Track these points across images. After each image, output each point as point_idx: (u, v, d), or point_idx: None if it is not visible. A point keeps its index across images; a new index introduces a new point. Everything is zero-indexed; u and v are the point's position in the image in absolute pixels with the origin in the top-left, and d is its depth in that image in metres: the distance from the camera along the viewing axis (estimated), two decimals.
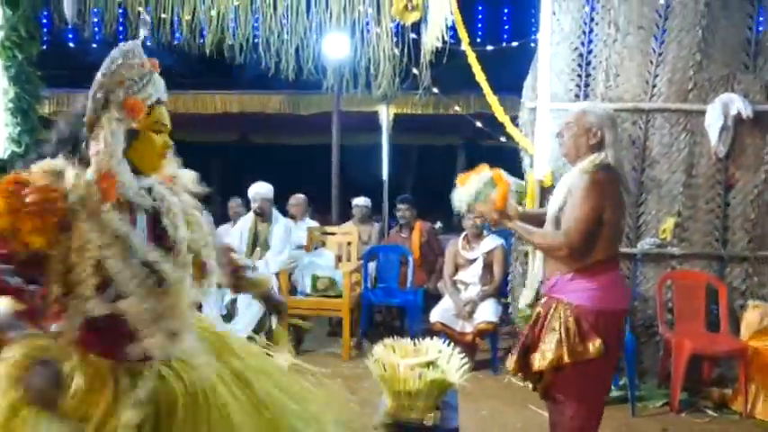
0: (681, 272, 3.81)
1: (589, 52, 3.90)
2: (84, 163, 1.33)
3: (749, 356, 3.39)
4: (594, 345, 2.04)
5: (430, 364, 2.31)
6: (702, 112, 3.71)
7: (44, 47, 4.74)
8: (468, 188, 2.29)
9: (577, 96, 3.93)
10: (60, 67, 7.41)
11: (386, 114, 7.19)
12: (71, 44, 6.54)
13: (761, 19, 3.79)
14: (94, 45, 6.46)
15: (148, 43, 5.24)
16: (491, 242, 4.42)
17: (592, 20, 3.88)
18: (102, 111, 1.35)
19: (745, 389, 3.39)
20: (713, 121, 3.65)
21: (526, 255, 4.04)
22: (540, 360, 2.12)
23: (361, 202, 5.71)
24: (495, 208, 2.21)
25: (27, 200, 1.23)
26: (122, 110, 1.36)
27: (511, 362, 2.31)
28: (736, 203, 3.80)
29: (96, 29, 5.13)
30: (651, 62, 3.80)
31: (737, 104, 3.59)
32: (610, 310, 2.11)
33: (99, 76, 1.38)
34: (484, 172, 2.29)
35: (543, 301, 2.26)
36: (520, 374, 2.36)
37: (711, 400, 3.55)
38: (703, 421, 3.39)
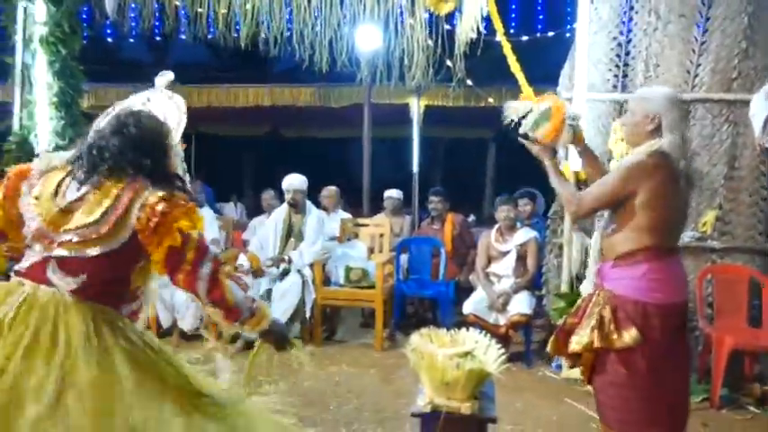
0: (722, 266, 3.73)
1: (628, 41, 3.83)
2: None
3: None
4: (630, 334, 1.99)
5: (467, 354, 2.32)
6: (747, 102, 3.60)
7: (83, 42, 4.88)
8: (528, 115, 2.26)
9: (615, 87, 3.87)
10: (98, 62, 7.61)
11: (417, 106, 7.19)
12: (109, 39, 6.70)
13: None
14: (131, 40, 6.62)
15: (183, 37, 5.35)
16: (524, 234, 4.39)
17: (631, 8, 3.81)
18: (174, 146, 1.81)
19: None
20: (758, 110, 3.54)
21: (561, 247, 4.00)
22: (576, 343, 2.12)
23: (393, 194, 5.72)
24: (539, 141, 2.19)
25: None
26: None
27: (551, 343, 2.32)
28: None
29: (133, 23, 5.25)
30: (693, 51, 3.70)
31: None
32: (653, 302, 2.03)
33: (173, 122, 1.88)
34: (545, 101, 2.24)
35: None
36: (559, 357, 2.40)
37: (753, 396, 3.47)
38: (744, 418, 3.32)
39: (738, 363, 3.60)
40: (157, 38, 6.28)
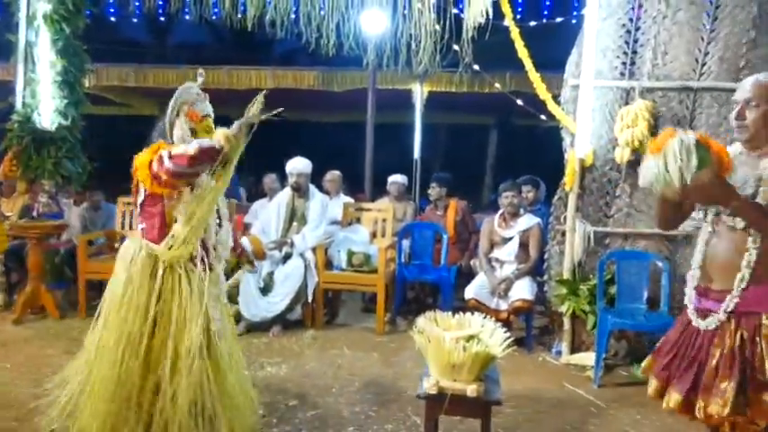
0: None
1: (637, 29, 3.81)
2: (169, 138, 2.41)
3: None
4: None
5: (474, 337, 2.34)
6: None
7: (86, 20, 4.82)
8: (668, 159, 1.65)
9: (622, 74, 3.85)
10: (100, 41, 7.52)
11: (420, 92, 7.15)
12: (112, 18, 6.63)
13: None
14: (135, 20, 6.54)
15: (188, 17, 5.29)
16: (528, 221, 4.40)
17: None
18: (176, 118, 2.42)
19: None
20: None
21: (563, 234, 4.01)
22: (722, 406, 1.69)
23: (398, 179, 5.72)
24: (716, 177, 1.65)
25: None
26: (186, 117, 2.42)
27: (673, 401, 1.84)
28: None
29: (137, 2, 5.19)
30: (702, 39, 3.68)
31: None
32: None
33: (173, 99, 2.40)
34: (680, 135, 1.67)
35: (715, 317, 1.80)
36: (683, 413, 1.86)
37: None
38: None
39: None
40: (161, 18, 6.21)
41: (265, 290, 4.45)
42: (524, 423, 3.04)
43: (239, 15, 4.52)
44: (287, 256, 4.59)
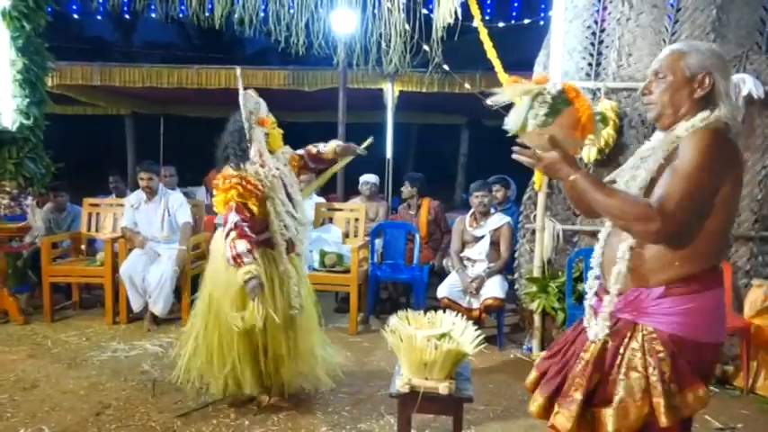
0: None
1: (602, 31, 3.89)
2: (247, 157, 2.85)
3: (751, 334, 3.45)
4: (697, 394, 1.47)
5: (445, 335, 2.37)
6: None
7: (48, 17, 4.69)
8: (524, 104, 1.58)
9: (588, 75, 3.93)
10: (63, 39, 7.34)
11: (391, 92, 7.16)
12: (75, 16, 6.46)
13: None
14: (99, 17, 6.40)
15: (153, 15, 5.20)
16: (498, 220, 4.46)
17: None
18: (252, 129, 2.85)
19: (746, 365, 3.46)
20: None
21: (533, 232, 4.08)
22: (619, 419, 1.47)
23: (370, 179, 5.72)
24: (554, 143, 1.51)
25: (248, 187, 2.76)
26: (258, 125, 2.88)
27: (535, 405, 1.66)
28: (744, 183, 3.81)
29: (101, 0, 5.08)
30: (664, 41, 3.79)
31: (749, 85, 3.59)
32: (711, 343, 1.53)
33: (245, 113, 2.84)
34: (549, 83, 1.58)
35: (609, 323, 1.57)
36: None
37: (713, 376, 3.62)
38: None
39: None
40: (126, 15, 6.07)
41: None
42: (496, 419, 3.08)
43: (207, 14, 4.46)
44: None
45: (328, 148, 3.16)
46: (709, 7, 3.71)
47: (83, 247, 5.13)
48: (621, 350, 1.52)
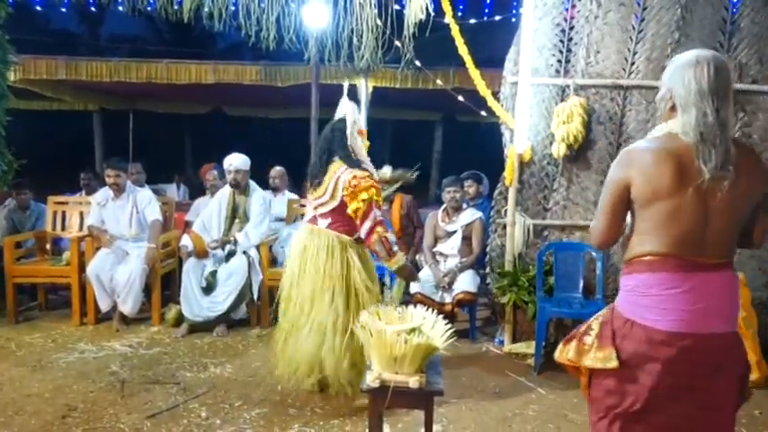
0: None
1: (571, 28, 3.95)
2: (362, 160, 3.15)
3: None
4: (603, 353, 1.64)
5: (415, 329, 2.37)
6: None
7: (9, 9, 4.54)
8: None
9: (558, 72, 3.99)
10: (26, 32, 7.11)
11: (365, 88, 7.13)
12: (38, 8, 6.28)
13: (736, 0, 3.87)
14: (63, 10, 6.22)
15: (121, 8, 5.08)
16: (470, 215, 4.49)
17: None
18: (354, 138, 3.14)
19: None
20: None
21: (504, 227, 4.12)
22: (561, 352, 1.79)
23: None
24: None
25: (377, 186, 3.04)
26: (359, 134, 3.18)
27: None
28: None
29: None
30: (631, 39, 3.86)
31: None
32: (640, 323, 1.62)
33: (350, 122, 3.12)
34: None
35: None
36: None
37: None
38: None
39: None
40: (92, 9, 5.93)
41: (208, 289, 4.35)
42: (468, 412, 3.11)
43: (175, 7, 4.37)
44: (230, 254, 4.50)
45: (381, 173, 3.52)
46: (674, 6, 3.79)
47: (48, 246, 5.00)
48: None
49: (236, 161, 4.58)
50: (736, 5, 3.87)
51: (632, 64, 3.89)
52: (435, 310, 2.55)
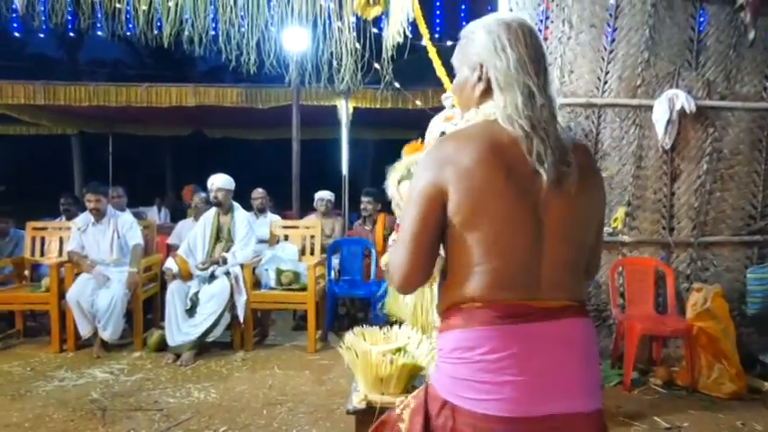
0: (631, 258, 4.03)
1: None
2: None
3: (693, 335, 3.62)
4: None
5: (400, 349, 2.38)
6: (650, 107, 3.92)
7: None
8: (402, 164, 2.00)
9: None
10: (3, 57, 7.08)
11: (345, 109, 7.21)
12: (16, 34, 6.26)
13: (701, 20, 4.02)
14: (41, 35, 6.21)
15: (100, 33, 5.09)
16: None
17: (547, 17, 4.02)
18: None
19: (690, 365, 3.62)
20: (660, 115, 3.86)
21: None
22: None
23: (325, 195, 5.73)
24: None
25: None
26: None
27: None
28: (681, 193, 4.03)
29: (44, 17, 4.93)
30: (603, 59, 3.97)
31: (682, 100, 3.80)
32: (461, 407, 1.08)
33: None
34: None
35: None
36: None
37: (660, 377, 3.77)
38: (653, 398, 3.60)
39: (647, 347, 3.91)
40: (70, 33, 5.93)
41: (192, 310, 4.32)
42: None
43: (155, 32, 4.39)
44: (212, 276, 4.49)
45: None
46: (643, 27, 3.92)
47: (26, 272, 4.92)
48: None
49: (219, 181, 4.61)
50: (702, 24, 4.02)
51: (605, 83, 4.00)
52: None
